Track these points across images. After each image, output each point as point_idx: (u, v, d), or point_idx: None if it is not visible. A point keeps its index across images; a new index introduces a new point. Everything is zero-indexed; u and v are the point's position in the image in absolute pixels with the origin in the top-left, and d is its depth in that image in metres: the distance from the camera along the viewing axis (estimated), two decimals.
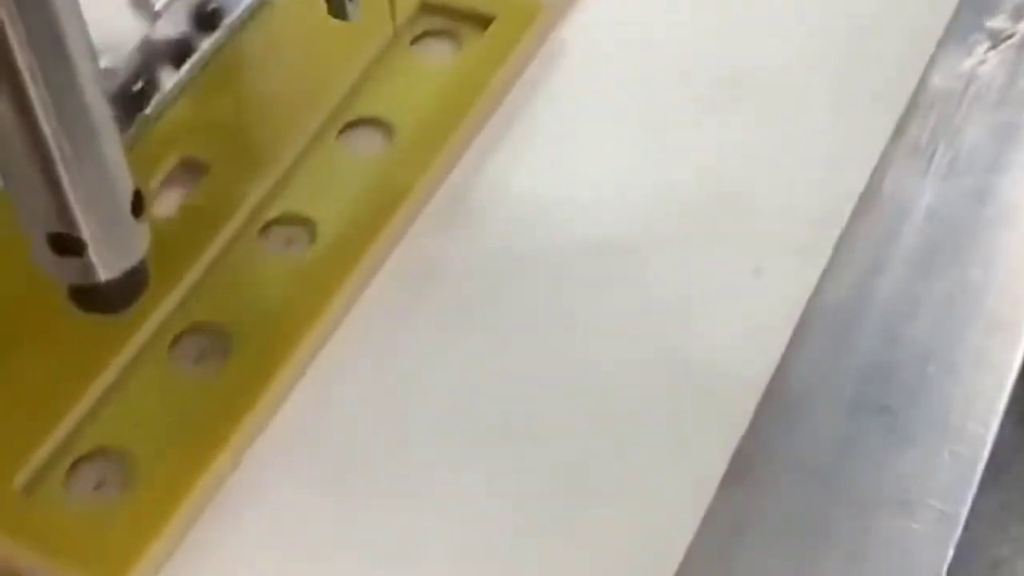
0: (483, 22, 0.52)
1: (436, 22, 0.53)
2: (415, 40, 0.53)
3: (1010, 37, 0.53)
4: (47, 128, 0.33)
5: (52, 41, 0.32)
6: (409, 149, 0.49)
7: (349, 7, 0.45)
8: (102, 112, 0.34)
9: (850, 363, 0.45)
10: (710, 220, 0.49)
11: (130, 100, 0.50)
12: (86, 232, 0.35)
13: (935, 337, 0.45)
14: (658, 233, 0.48)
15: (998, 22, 0.53)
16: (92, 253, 0.36)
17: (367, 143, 0.50)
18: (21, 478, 0.41)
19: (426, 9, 0.53)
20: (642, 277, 0.47)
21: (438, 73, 0.51)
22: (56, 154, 0.33)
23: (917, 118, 0.51)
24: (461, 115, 0.50)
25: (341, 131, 0.50)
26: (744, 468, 0.42)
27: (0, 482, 0.41)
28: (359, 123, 0.50)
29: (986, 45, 0.52)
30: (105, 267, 0.36)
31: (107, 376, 0.44)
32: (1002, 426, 1.23)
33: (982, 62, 0.52)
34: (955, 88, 0.51)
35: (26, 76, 0.32)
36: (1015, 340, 0.45)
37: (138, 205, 0.36)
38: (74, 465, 0.42)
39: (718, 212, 0.49)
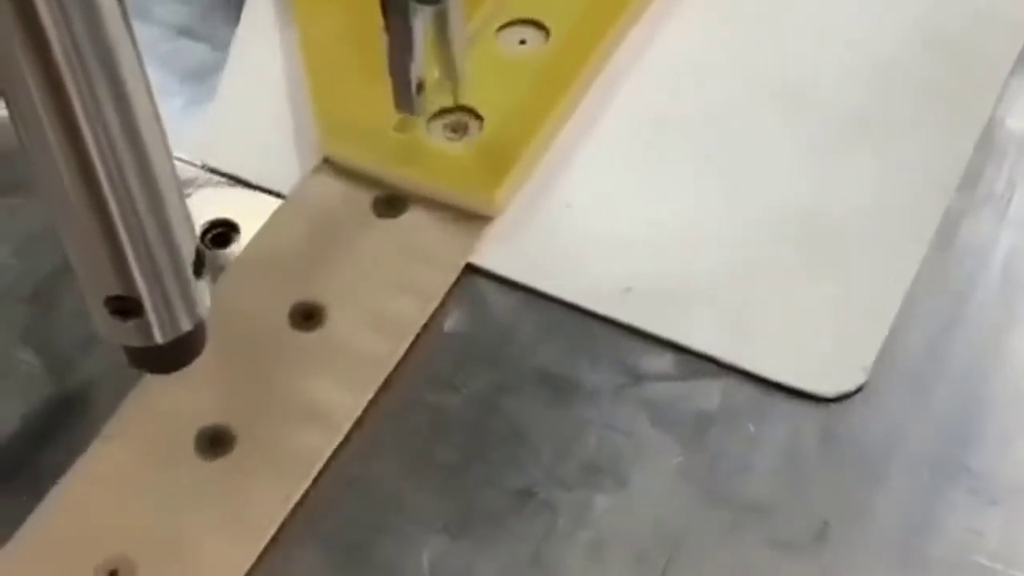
0: None
1: None
2: None
3: None
4: (109, 189, 0.32)
5: (116, 102, 0.30)
6: None
7: (416, 101, 0.46)
8: (166, 171, 0.33)
9: (928, 421, 0.43)
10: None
11: None
12: (145, 295, 0.34)
13: (1015, 395, 0.44)
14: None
15: None
16: (151, 315, 0.34)
17: None
18: (396, 122, 0.50)
19: None
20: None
21: None
22: (117, 216, 0.32)
23: (991, 163, 0.49)
24: None
25: None
26: (821, 534, 0.41)
27: (380, 123, 0.50)
28: None
29: None
30: (163, 329, 0.35)
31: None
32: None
33: None
34: None
35: (89, 138, 0.30)
36: None
37: (199, 264, 0.35)
38: (433, 116, 0.50)
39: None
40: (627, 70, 0.53)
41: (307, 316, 0.46)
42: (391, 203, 0.49)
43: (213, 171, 0.51)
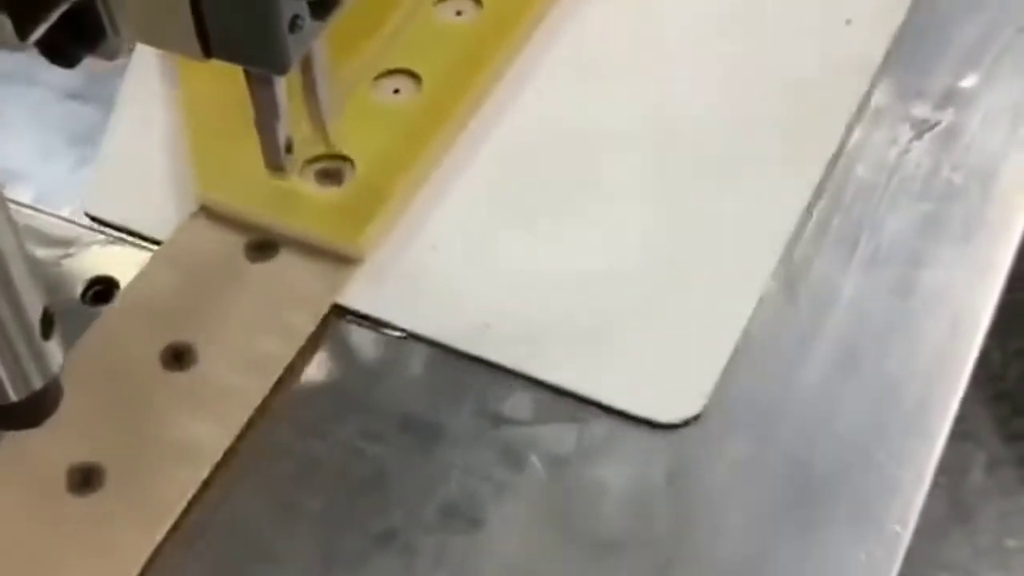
0: None
1: None
2: None
3: (935, 126, 0.53)
4: None
5: None
6: None
7: (285, 160, 0.47)
8: (7, 237, 0.35)
9: (771, 459, 0.45)
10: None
11: None
12: None
13: (856, 432, 0.45)
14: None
15: (923, 111, 0.54)
16: (2, 376, 0.36)
17: None
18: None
19: None
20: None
21: None
22: None
23: (841, 208, 0.51)
24: None
25: None
26: (665, 569, 0.43)
27: (256, 171, 0.49)
28: None
29: (910, 135, 0.53)
30: (16, 388, 0.37)
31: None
32: (973, 472, 1.23)
33: (906, 151, 0.53)
34: (879, 179, 0.52)
35: None
36: (936, 435, 0.45)
37: (47, 326, 0.37)
38: (308, 163, 0.52)
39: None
40: (497, 118, 0.55)
41: (177, 356, 0.48)
42: (263, 248, 0.51)
43: (96, 220, 0.53)
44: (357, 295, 0.50)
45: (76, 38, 0.38)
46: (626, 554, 0.43)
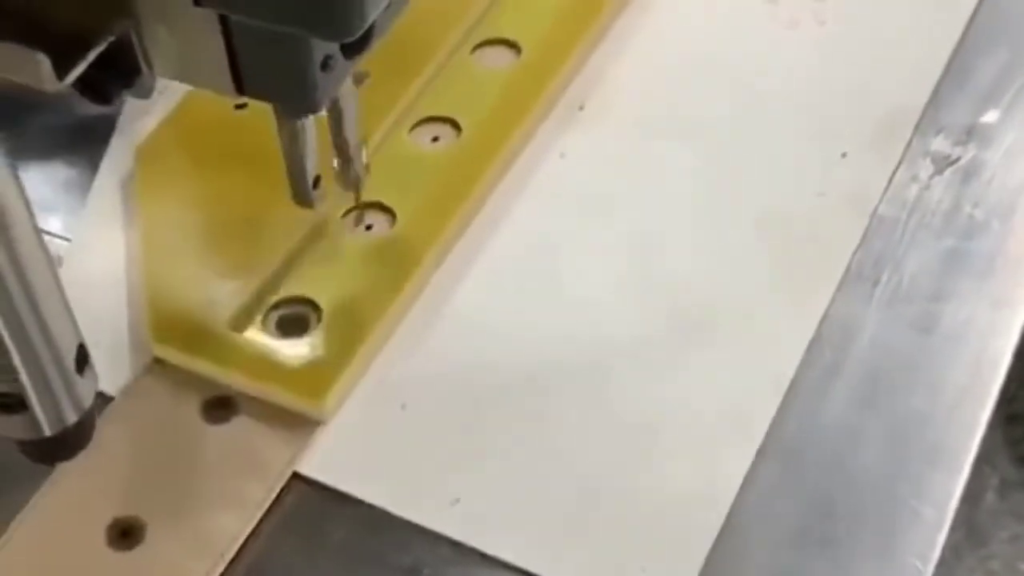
0: None
1: None
2: None
3: (955, 162, 0.53)
4: None
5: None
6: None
7: (313, 194, 0.46)
8: (44, 273, 0.35)
9: (795, 494, 0.45)
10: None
11: None
12: (30, 391, 0.36)
13: (878, 468, 0.46)
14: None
15: (943, 147, 0.54)
16: (37, 410, 0.37)
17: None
18: (229, 319, 0.49)
19: None
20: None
21: None
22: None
23: (863, 244, 0.51)
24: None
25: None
26: None
27: (213, 322, 0.49)
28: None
29: (931, 170, 0.53)
30: (50, 423, 0.37)
31: (292, 244, 0.51)
32: (986, 495, 1.22)
33: (927, 188, 0.53)
34: (900, 215, 0.52)
35: None
36: (957, 470, 0.46)
37: (81, 360, 0.37)
38: (270, 310, 0.50)
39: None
40: (472, 259, 0.52)
41: (124, 533, 0.45)
42: (221, 406, 0.48)
43: None
44: (318, 463, 0.47)
45: (112, 76, 0.39)
46: None
